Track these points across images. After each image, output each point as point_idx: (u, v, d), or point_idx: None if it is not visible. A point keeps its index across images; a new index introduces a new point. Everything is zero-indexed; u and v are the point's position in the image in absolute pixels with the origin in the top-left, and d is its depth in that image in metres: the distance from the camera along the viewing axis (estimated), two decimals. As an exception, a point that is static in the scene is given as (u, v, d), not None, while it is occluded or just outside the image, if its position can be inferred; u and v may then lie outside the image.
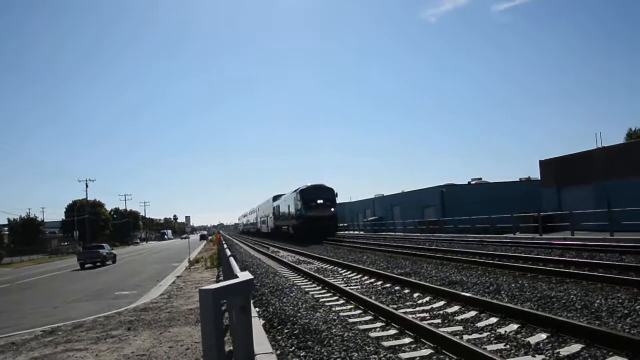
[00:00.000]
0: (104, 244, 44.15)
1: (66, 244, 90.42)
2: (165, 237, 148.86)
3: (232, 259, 6.15)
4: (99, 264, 37.49)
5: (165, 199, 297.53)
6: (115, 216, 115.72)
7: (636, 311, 7.41)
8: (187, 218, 33.92)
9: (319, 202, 39.74)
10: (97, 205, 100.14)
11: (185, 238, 78.63)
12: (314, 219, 38.77)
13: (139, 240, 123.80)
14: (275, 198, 56.12)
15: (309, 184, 42.14)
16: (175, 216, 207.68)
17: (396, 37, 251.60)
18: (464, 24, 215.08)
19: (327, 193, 40.82)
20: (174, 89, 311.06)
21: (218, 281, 18.44)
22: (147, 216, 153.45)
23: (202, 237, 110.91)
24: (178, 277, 22.85)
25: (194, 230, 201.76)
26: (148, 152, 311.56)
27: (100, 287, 21.85)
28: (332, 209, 40.49)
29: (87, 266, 36.80)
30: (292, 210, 43.10)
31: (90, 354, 8.58)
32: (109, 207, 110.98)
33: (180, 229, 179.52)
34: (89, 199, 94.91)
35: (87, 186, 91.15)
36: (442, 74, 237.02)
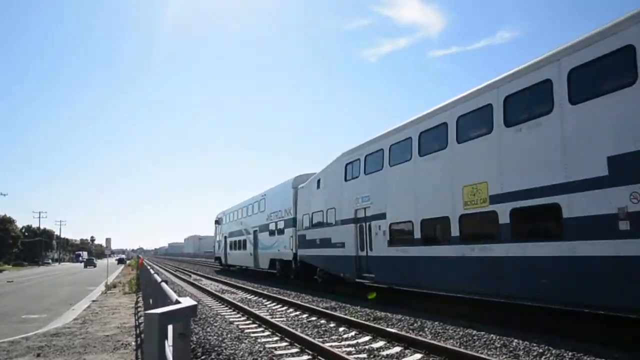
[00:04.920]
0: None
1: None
2: (80, 258, 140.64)
3: (164, 284, 6.01)
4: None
5: (84, 219, 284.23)
6: (26, 234, 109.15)
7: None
8: (108, 240, 32.30)
9: None
10: (6, 221, 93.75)
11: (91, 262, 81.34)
12: None
13: (50, 261, 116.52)
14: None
15: None
16: (92, 237, 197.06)
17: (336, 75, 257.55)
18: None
19: None
20: (106, 109, 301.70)
21: (137, 307, 17.71)
22: (63, 236, 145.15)
23: (120, 261, 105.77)
24: (93, 301, 21.69)
25: (112, 253, 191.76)
26: (67, 166, 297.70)
27: (5, 309, 20.29)
28: None
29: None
30: None
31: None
32: (20, 224, 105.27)
33: (97, 251, 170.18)
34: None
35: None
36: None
